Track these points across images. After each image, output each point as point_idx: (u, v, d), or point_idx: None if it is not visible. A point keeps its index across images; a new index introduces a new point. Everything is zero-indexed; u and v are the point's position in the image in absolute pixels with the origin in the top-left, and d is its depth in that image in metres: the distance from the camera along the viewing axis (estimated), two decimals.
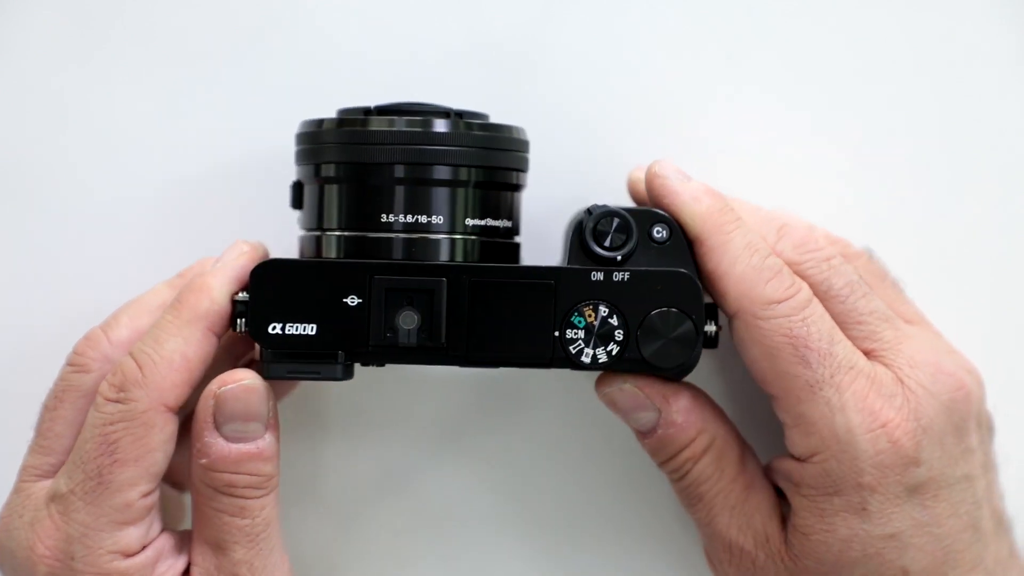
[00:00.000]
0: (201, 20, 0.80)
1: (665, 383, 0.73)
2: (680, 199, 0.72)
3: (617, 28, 0.81)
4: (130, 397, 0.70)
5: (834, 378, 0.70)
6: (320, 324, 0.71)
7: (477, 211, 0.73)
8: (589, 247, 0.72)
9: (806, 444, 0.71)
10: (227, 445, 0.70)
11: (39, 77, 0.80)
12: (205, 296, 0.71)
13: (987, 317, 0.83)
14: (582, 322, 0.71)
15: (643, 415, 0.73)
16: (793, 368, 0.70)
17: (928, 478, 0.70)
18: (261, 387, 0.71)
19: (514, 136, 0.74)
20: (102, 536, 0.70)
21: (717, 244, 0.71)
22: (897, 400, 0.71)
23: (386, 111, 0.73)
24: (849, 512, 0.70)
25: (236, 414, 0.70)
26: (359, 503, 0.81)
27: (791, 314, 0.70)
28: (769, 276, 0.71)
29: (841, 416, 0.70)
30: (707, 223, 0.72)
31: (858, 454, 0.70)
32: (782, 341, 0.70)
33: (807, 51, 0.82)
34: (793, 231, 0.74)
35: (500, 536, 0.82)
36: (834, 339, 0.71)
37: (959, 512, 0.71)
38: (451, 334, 0.71)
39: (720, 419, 0.74)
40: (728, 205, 0.73)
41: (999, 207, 0.83)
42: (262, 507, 0.70)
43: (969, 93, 0.82)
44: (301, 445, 0.81)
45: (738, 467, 0.73)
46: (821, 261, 0.73)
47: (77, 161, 0.80)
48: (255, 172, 0.80)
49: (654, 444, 0.74)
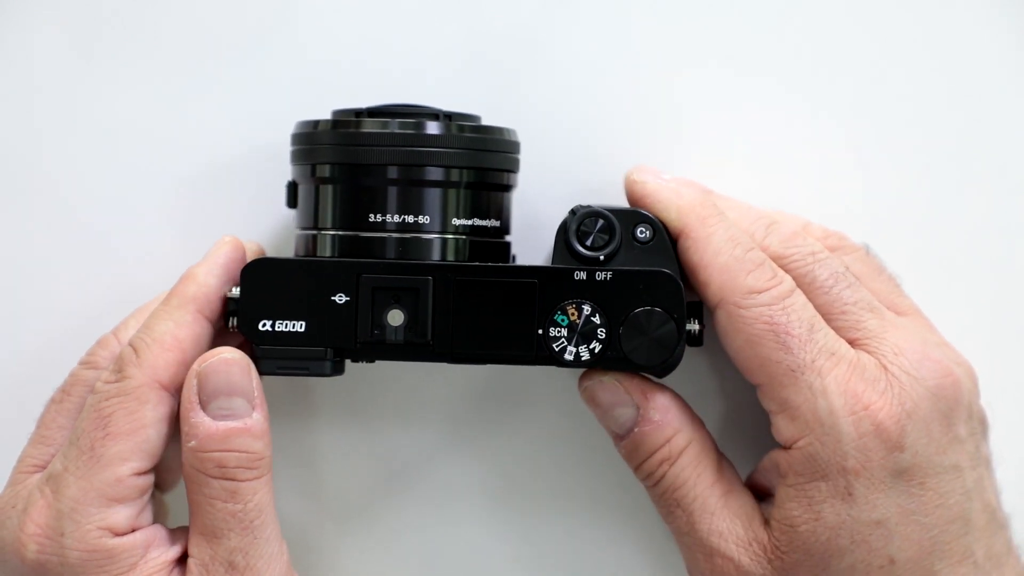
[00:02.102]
0: (197, 22, 0.81)
1: (645, 380, 0.74)
2: (661, 195, 0.74)
3: (612, 29, 0.81)
4: (125, 375, 0.71)
5: (815, 363, 0.71)
6: (309, 321, 0.72)
7: (466, 211, 0.74)
8: (573, 247, 0.73)
9: (791, 430, 0.71)
10: (214, 423, 0.70)
11: (37, 77, 0.81)
12: (191, 282, 0.73)
13: (986, 315, 0.83)
14: (565, 320, 0.72)
15: (622, 411, 0.74)
16: (774, 354, 0.71)
17: (913, 464, 0.70)
18: (242, 360, 0.71)
19: (505, 138, 0.75)
20: (91, 512, 0.70)
21: (700, 236, 0.73)
22: (880, 384, 0.71)
23: (379, 113, 0.74)
24: (836, 498, 0.70)
25: (219, 388, 0.71)
26: (356, 496, 0.82)
27: (772, 303, 0.71)
28: (751, 267, 0.72)
29: (823, 399, 0.70)
30: (690, 216, 0.73)
31: (841, 436, 0.70)
32: (763, 329, 0.71)
33: (805, 51, 0.82)
34: (781, 226, 0.75)
35: (497, 528, 0.82)
36: (814, 327, 0.71)
37: (947, 502, 0.71)
38: (437, 332, 0.72)
39: (697, 423, 0.75)
40: (709, 198, 0.74)
41: (1000, 206, 0.83)
42: (254, 491, 0.70)
43: (969, 92, 0.82)
44: (296, 439, 0.82)
45: (716, 473, 0.74)
46: (807, 254, 0.74)
47: (75, 161, 0.81)
48: (254, 171, 0.81)
49: (630, 445, 0.74)
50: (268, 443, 0.71)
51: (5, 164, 0.81)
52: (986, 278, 0.83)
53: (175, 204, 0.79)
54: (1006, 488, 0.75)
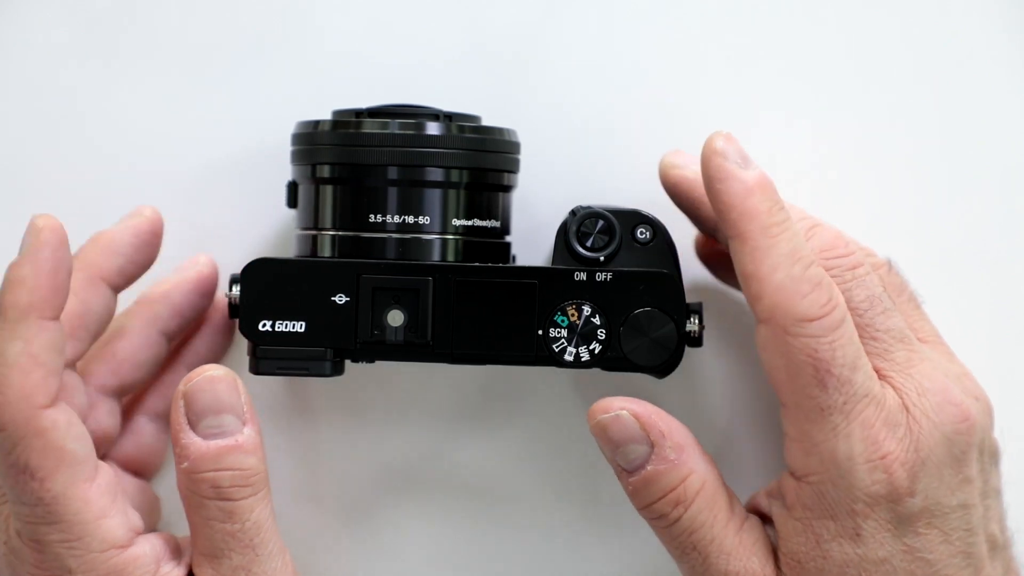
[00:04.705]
0: (198, 22, 0.81)
1: (660, 414, 0.71)
2: (734, 188, 0.69)
3: (613, 30, 0.81)
4: (3, 422, 0.68)
5: (846, 405, 0.69)
6: (309, 322, 0.72)
7: (466, 211, 0.74)
8: (573, 247, 0.73)
9: (805, 463, 0.70)
10: (204, 443, 0.69)
11: (37, 77, 0.81)
12: (21, 289, 0.69)
13: (992, 326, 0.83)
14: (565, 321, 0.72)
15: (634, 448, 0.71)
16: (810, 389, 0.69)
17: (923, 508, 0.70)
18: (228, 376, 0.70)
19: (505, 138, 0.75)
20: (86, 542, 0.69)
21: (760, 246, 0.69)
22: (900, 430, 0.70)
23: (379, 113, 0.74)
24: (844, 537, 0.70)
25: (207, 407, 0.69)
26: (355, 496, 0.82)
27: (821, 335, 0.68)
28: (807, 289, 0.69)
29: (845, 443, 0.69)
30: (754, 223, 0.69)
31: (854, 482, 0.69)
32: (805, 361, 0.69)
33: (808, 53, 0.82)
34: (823, 232, 0.72)
35: (497, 528, 0.82)
36: (856, 365, 0.69)
37: (951, 539, 0.71)
38: (437, 332, 0.73)
39: (707, 459, 0.72)
40: (780, 203, 0.70)
41: (1006, 213, 0.83)
42: (251, 508, 0.70)
43: (971, 94, 0.82)
44: (296, 439, 0.82)
45: (728, 511, 0.72)
46: (846, 270, 0.71)
47: (75, 161, 0.81)
48: (254, 171, 0.81)
49: (640, 483, 0.71)
50: (262, 457, 0.70)
51: (5, 164, 0.81)
52: (992, 287, 0.83)
53: (175, 204, 0.79)
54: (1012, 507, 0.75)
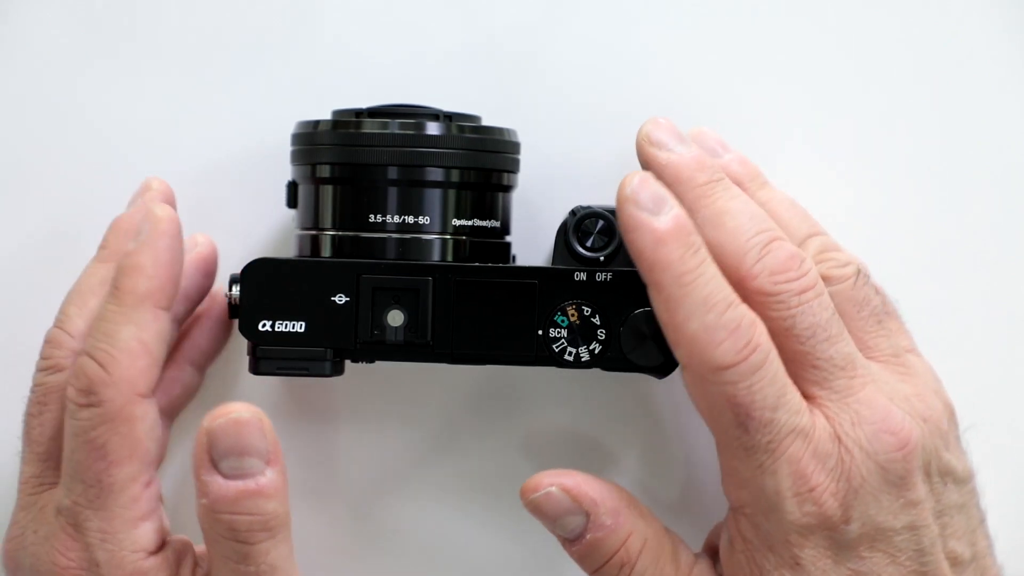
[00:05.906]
0: (198, 22, 0.81)
1: (590, 480, 0.72)
2: (645, 239, 0.68)
3: (613, 30, 0.81)
4: (102, 399, 0.69)
5: (771, 444, 0.68)
6: (309, 322, 0.72)
7: (466, 211, 0.74)
8: (572, 247, 0.73)
9: (738, 495, 0.70)
10: (225, 483, 0.68)
11: (37, 77, 0.81)
12: (140, 276, 0.70)
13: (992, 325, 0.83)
14: (565, 321, 0.73)
15: (571, 520, 0.72)
16: (731, 430, 0.69)
17: (861, 533, 0.70)
18: (255, 420, 0.68)
19: (505, 138, 0.75)
20: (120, 537, 0.69)
21: (672, 296, 0.68)
22: (831, 461, 0.69)
23: (379, 113, 0.74)
24: (785, 568, 0.70)
25: (230, 449, 0.67)
26: (355, 496, 0.82)
27: (738, 380, 0.68)
28: (722, 337, 0.68)
29: (771, 479, 0.69)
30: (666, 273, 0.68)
31: (784, 515, 0.69)
32: (724, 405, 0.68)
33: (808, 54, 0.82)
34: (778, 251, 0.70)
35: (497, 528, 0.82)
36: (779, 404, 0.68)
37: (899, 559, 0.70)
38: (437, 332, 0.73)
39: (648, 517, 0.73)
40: (694, 246, 0.68)
41: (1006, 214, 0.83)
42: (266, 552, 0.68)
43: (971, 94, 0.82)
44: (296, 439, 0.82)
45: (674, 563, 0.72)
46: (794, 295, 0.70)
47: (75, 161, 0.81)
48: (254, 171, 0.81)
49: (583, 551, 0.72)
50: (284, 499, 0.68)
51: (4, 164, 0.81)
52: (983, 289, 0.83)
53: (176, 202, 0.79)
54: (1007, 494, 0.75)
